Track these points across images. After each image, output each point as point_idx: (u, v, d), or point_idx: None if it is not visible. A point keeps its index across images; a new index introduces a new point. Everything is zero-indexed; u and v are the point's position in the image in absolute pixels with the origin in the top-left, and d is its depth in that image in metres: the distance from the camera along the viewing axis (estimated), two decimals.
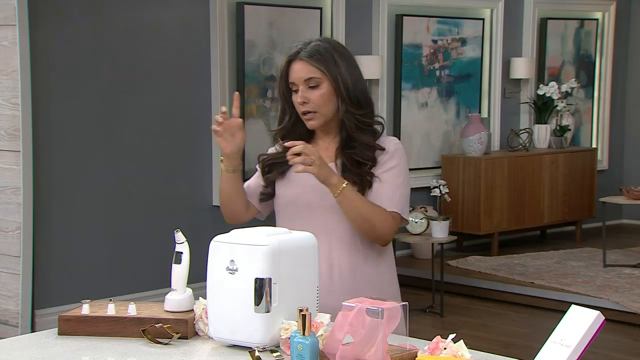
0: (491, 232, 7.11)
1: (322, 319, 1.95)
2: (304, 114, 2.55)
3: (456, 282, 6.37)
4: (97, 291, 4.98)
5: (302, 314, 1.81)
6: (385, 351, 1.81)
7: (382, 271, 2.59)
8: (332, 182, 2.44)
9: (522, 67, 7.66)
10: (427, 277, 6.28)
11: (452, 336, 1.83)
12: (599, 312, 1.70)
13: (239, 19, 5.96)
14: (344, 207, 2.47)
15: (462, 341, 1.81)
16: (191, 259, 2.23)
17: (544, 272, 6.45)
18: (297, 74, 2.52)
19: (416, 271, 6.59)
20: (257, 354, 1.92)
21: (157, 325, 2.10)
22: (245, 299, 1.97)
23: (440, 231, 5.99)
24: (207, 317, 2.10)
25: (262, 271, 1.95)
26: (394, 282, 2.65)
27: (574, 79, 7.86)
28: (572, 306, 1.74)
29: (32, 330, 4.55)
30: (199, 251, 2.47)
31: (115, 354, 2.03)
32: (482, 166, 6.99)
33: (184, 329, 2.12)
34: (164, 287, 2.51)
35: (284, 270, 1.98)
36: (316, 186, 2.47)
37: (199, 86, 5.85)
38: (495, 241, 7.13)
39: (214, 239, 2.05)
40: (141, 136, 5.60)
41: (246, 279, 1.97)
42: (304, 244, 2.07)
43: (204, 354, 2.04)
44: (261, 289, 1.95)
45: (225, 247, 2.02)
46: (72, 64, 5.30)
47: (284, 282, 1.98)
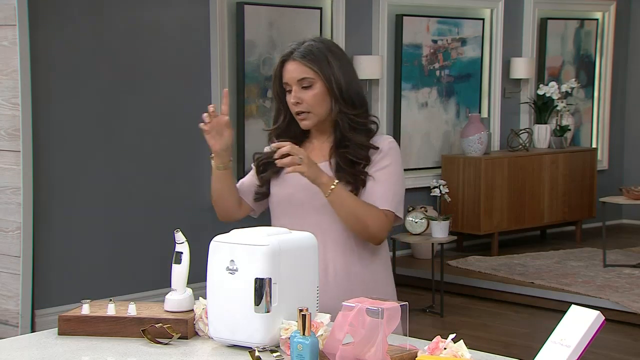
0: (491, 232, 7.11)
1: (322, 319, 1.95)
2: (297, 114, 2.55)
3: (456, 282, 6.37)
4: (97, 291, 4.97)
5: (302, 314, 1.81)
6: (385, 351, 1.81)
7: (375, 271, 2.58)
8: (323, 182, 2.44)
9: (522, 67, 7.66)
10: (427, 277, 6.28)
11: (452, 336, 1.83)
12: (599, 312, 1.70)
13: (239, 19, 5.96)
14: (335, 206, 2.47)
15: (462, 341, 1.81)
16: (191, 259, 2.23)
17: (544, 272, 6.45)
18: (291, 74, 2.52)
19: (416, 271, 6.60)
20: (257, 354, 1.92)
21: (157, 325, 2.10)
22: (245, 299, 1.97)
23: (440, 231, 5.99)
24: (207, 317, 2.10)
25: (262, 271, 1.95)
26: (389, 282, 2.64)
27: (574, 79, 7.86)
28: (572, 306, 1.74)
29: (32, 330, 4.55)
30: (199, 251, 2.47)
31: (115, 354, 2.03)
32: (482, 166, 6.99)
33: (184, 329, 2.12)
34: (164, 287, 2.50)
35: (284, 270, 1.98)
36: (309, 185, 2.47)
37: (199, 86, 5.85)
38: (495, 241, 7.13)
39: (214, 239, 2.05)
40: (141, 136, 5.60)
41: (246, 279, 1.97)
42: (304, 244, 2.07)
43: (204, 354, 2.04)
44: (261, 289, 1.95)
45: (225, 247, 2.02)
46: (72, 64, 5.30)
47: (284, 282, 1.98)
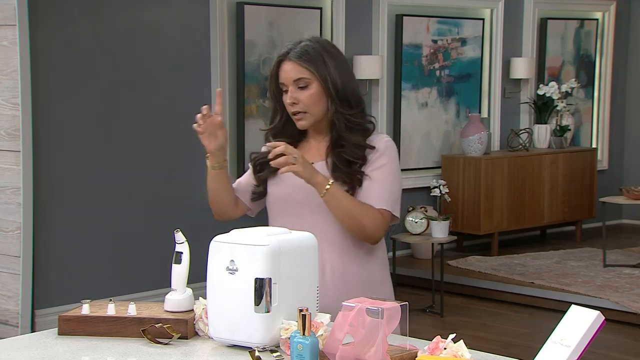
0: (491, 232, 7.11)
1: (322, 319, 1.95)
2: (294, 114, 2.55)
3: (456, 282, 6.37)
4: (97, 291, 4.97)
5: (302, 314, 1.81)
6: (385, 351, 1.81)
7: (372, 270, 2.58)
8: (318, 181, 2.44)
9: (522, 67, 7.66)
10: (427, 277, 6.28)
11: (452, 336, 1.83)
12: (599, 312, 1.70)
13: (239, 19, 5.96)
14: (330, 206, 2.46)
15: (462, 341, 1.81)
16: (191, 259, 2.23)
17: (544, 272, 6.45)
18: (287, 74, 2.52)
19: (416, 271, 6.60)
20: (257, 354, 1.92)
21: (157, 325, 2.10)
22: (245, 299, 1.97)
23: (440, 231, 5.99)
24: (207, 317, 2.10)
25: (262, 271, 1.95)
26: (387, 281, 2.63)
27: (574, 79, 7.86)
28: (572, 306, 1.74)
29: (32, 330, 4.55)
30: (199, 251, 2.47)
31: (115, 354, 2.03)
32: (482, 166, 6.99)
33: (184, 329, 2.12)
34: (164, 287, 2.50)
35: (284, 270, 1.98)
36: (305, 185, 2.47)
37: (199, 86, 5.85)
38: (495, 241, 7.13)
39: (214, 239, 2.05)
40: (141, 136, 5.60)
41: (246, 279, 1.97)
42: (304, 244, 2.07)
43: (204, 354, 2.04)
44: (261, 289, 1.95)
45: (225, 247, 2.02)
46: (72, 64, 5.30)
47: (284, 282, 1.98)
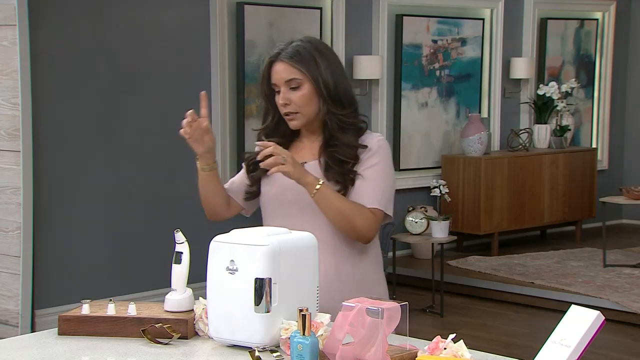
0: (491, 232, 7.11)
1: (322, 319, 1.95)
2: (286, 115, 2.54)
3: (456, 282, 6.37)
4: (97, 291, 4.97)
5: (302, 314, 1.81)
6: (385, 351, 1.81)
7: (366, 270, 2.57)
8: (308, 181, 2.44)
9: (522, 67, 7.66)
10: (427, 277, 6.28)
11: (452, 336, 1.83)
12: (599, 312, 1.69)
13: (239, 19, 5.96)
14: (321, 206, 2.45)
15: (462, 341, 1.81)
16: (191, 259, 2.23)
17: (544, 272, 6.45)
18: (279, 75, 2.52)
19: (416, 271, 6.60)
20: (257, 354, 1.92)
21: (157, 325, 2.10)
22: (245, 299, 1.96)
23: (440, 231, 5.99)
24: (207, 317, 2.10)
25: (262, 271, 1.95)
26: (380, 281, 2.62)
27: (574, 79, 7.86)
28: (572, 306, 1.74)
29: (32, 330, 4.55)
30: (199, 251, 2.47)
31: (115, 354, 2.03)
32: (482, 166, 6.99)
33: (184, 329, 2.12)
34: (164, 287, 2.50)
35: (284, 270, 1.98)
36: (296, 185, 2.46)
37: (199, 86, 5.81)
38: (495, 241, 7.13)
39: (214, 239, 2.05)
40: (141, 136, 5.60)
41: (246, 279, 1.97)
42: (304, 244, 2.07)
43: (204, 354, 2.04)
44: (261, 289, 1.95)
45: (225, 247, 2.02)
46: (72, 64, 5.30)
47: (284, 282, 1.98)
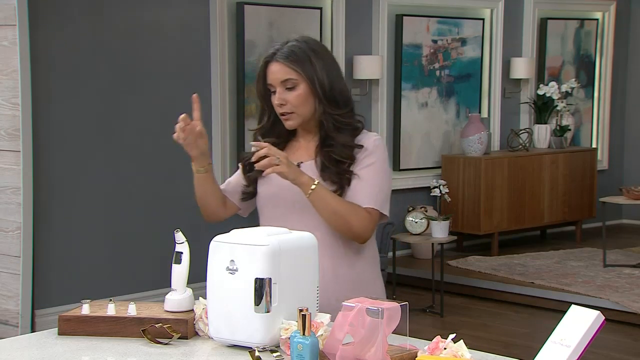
0: (491, 232, 7.11)
1: (322, 319, 1.95)
2: (282, 115, 2.54)
3: (456, 282, 6.37)
4: (97, 291, 4.97)
5: (302, 314, 1.81)
6: (385, 351, 1.81)
7: (362, 270, 2.56)
8: (303, 182, 2.43)
9: (522, 67, 7.66)
10: (427, 277, 6.28)
11: (452, 336, 1.83)
12: (599, 312, 1.69)
13: (239, 19, 5.96)
14: (317, 205, 2.45)
15: (462, 341, 1.81)
16: (191, 259, 2.23)
17: (544, 272, 6.45)
18: (274, 75, 2.51)
19: (416, 271, 6.60)
20: (257, 354, 1.92)
21: (157, 325, 2.10)
22: (245, 299, 1.96)
23: (440, 231, 5.99)
24: (207, 317, 2.10)
25: (262, 271, 1.95)
26: (377, 281, 2.62)
27: (574, 79, 7.86)
28: (572, 306, 1.74)
29: (32, 330, 4.55)
30: (199, 251, 2.47)
31: (115, 354, 2.03)
32: (482, 166, 6.99)
33: (184, 329, 2.12)
34: (164, 287, 2.50)
35: (284, 270, 1.98)
36: (292, 186, 2.46)
37: (199, 86, 5.84)
38: (495, 241, 7.13)
39: (214, 239, 2.05)
40: (141, 136, 5.60)
41: (246, 279, 1.97)
42: (304, 244, 2.07)
43: (204, 354, 2.04)
44: (261, 289, 1.95)
45: (225, 247, 2.02)
46: (72, 64, 5.30)
47: (284, 282, 1.98)
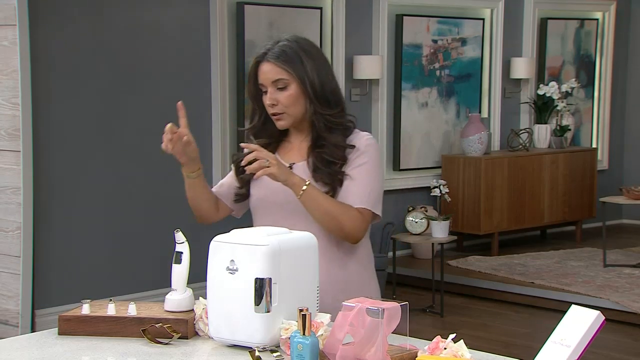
0: (491, 232, 7.11)
1: (322, 318, 1.95)
2: (273, 115, 2.53)
3: (456, 282, 6.37)
4: (97, 291, 4.97)
5: (302, 314, 1.81)
6: (385, 351, 1.81)
7: (355, 271, 2.55)
8: (294, 182, 2.43)
9: (522, 67, 7.65)
10: (427, 277, 6.28)
11: (452, 336, 1.83)
12: (599, 312, 1.69)
13: (239, 19, 5.96)
14: (308, 206, 2.44)
15: (462, 341, 1.81)
16: (191, 259, 2.23)
17: (544, 272, 6.45)
18: (265, 75, 2.51)
19: (416, 271, 6.60)
20: (257, 354, 1.92)
21: (157, 325, 2.10)
22: (245, 299, 1.96)
23: (440, 231, 5.99)
24: (207, 317, 2.10)
25: (262, 271, 1.95)
26: (372, 281, 2.61)
27: (574, 79, 7.86)
28: (572, 306, 1.74)
29: (32, 330, 4.54)
30: (199, 251, 2.47)
31: (115, 354, 2.03)
32: (482, 166, 6.99)
33: (184, 329, 2.12)
34: (164, 287, 2.50)
35: (284, 270, 1.98)
36: (283, 187, 2.45)
37: (199, 86, 5.85)
38: (495, 241, 7.13)
39: (214, 239, 2.05)
40: (141, 136, 5.60)
41: (246, 279, 1.97)
42: (304, 244, 2.07)
43: (204, 354, 2.04)
44: (261, 289, 1.95)
45: (225, 247, 2.02)
46: (72, 64, 5.30)
47: (284, 282, 1.98)
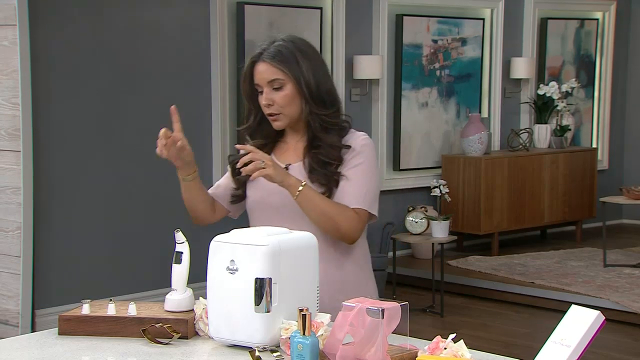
0: (491, 232, 7.11)
1: (322, 318, 1.95)
2: (269, 115, 2.53)
3: (456, 282, 6.37)
4: (97, 291, 4.97)
5: (302, 314, 1.81)
6: (385, 351, 1.81)
7: (351, 271, 2.55)
8: (290, 183, 2.42)
9: (522, 67, 7.65)
10: (427, 277, 6.28)
11: (452, 336, 1.83)
12: (599, 312, 1.70)
13: (239, 19, 5.96)
14: (304, 207, 2.43)
15: (462, 341, 1.81)
16: (191, 259, 2.23)
17: (544, 272, 6.45)
18: (261, 75, 2.51)
19: (416, 271, 6.60)
20: (257, 354, 1.92)
21: (157, 325, 2.10)
22: (245, 299, 1.96)
23: (440, 231, 5.99)
24: (207, 317, 2.10)
25: (262, 271, 1.95)
26: (369, 281, 2.60)
27: (574, 79, 7.86)
28: (573, 306, 1.74)
29: (32, 330, 4.55)
30: (199, 251, 2.47)
31: (115, 354, 2.03)
32: (482, 166, 6.99)
33: (184, 329, 2.12)
34: (164, 287, 2.50)
35: (284, 270, 1.98)
36: (279, 188, 2.44)
37: (199, 86, 5.85)
38: (495, 241, 7.13)
39: (214, 239, 2.05)
40: (141, 136, 5.59)
41: (246, 279, 1.97)
42: (304, 244, 2.07)
43: (204, 354, 2.04)
44: (261, 289, 1.95)
45: (225, 247, 2.02)
46: (72, 64, 5.30)
47: (284, 282, 1.98)
